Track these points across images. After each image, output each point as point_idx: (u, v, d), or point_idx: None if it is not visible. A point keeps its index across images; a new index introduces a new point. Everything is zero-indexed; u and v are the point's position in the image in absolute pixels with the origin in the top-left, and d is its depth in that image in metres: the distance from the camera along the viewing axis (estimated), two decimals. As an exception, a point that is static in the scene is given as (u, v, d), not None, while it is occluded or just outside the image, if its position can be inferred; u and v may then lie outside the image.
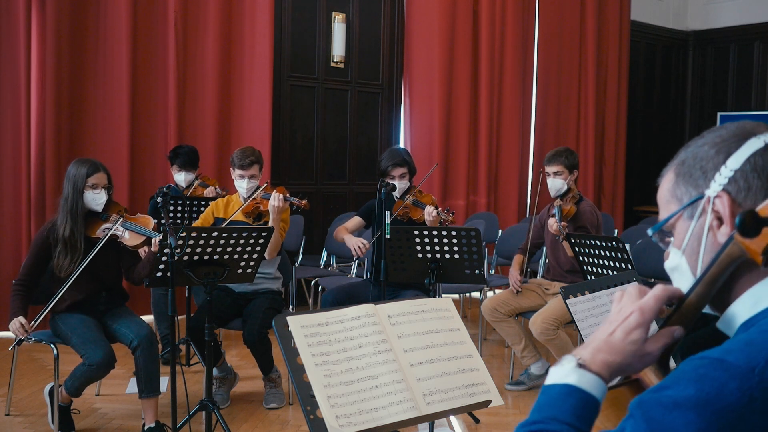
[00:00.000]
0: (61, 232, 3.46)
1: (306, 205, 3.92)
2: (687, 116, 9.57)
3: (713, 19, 9.18)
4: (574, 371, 1.02)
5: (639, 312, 1.04)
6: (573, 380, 1.01)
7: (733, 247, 0.97)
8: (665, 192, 1.11)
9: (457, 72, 7.01)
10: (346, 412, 1.69)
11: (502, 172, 7.39)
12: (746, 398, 0.86)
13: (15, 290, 3.51)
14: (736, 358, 0.89)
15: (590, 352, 1.04)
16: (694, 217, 1.05)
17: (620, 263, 3.48)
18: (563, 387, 1.01)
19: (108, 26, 5.43)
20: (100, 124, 5.47)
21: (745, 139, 1.02)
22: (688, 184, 1.06)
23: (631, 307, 1.05)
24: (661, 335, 1.05)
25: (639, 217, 8.23)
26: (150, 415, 3.46)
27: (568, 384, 1.01)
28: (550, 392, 1.02)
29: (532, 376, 4.36)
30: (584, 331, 2.42)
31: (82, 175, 3.48)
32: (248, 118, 6.01)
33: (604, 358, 1.03)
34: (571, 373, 1.02)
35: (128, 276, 3.68)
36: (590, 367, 1.02)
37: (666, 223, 1.09)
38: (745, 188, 0.99)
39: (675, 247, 1.10)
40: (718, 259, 1.00)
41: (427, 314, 1.95)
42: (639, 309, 1.04)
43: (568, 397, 1.00)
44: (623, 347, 1.03)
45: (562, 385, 1.02)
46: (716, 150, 1.04)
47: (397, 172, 4.22)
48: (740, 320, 1.02)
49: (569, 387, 1.01)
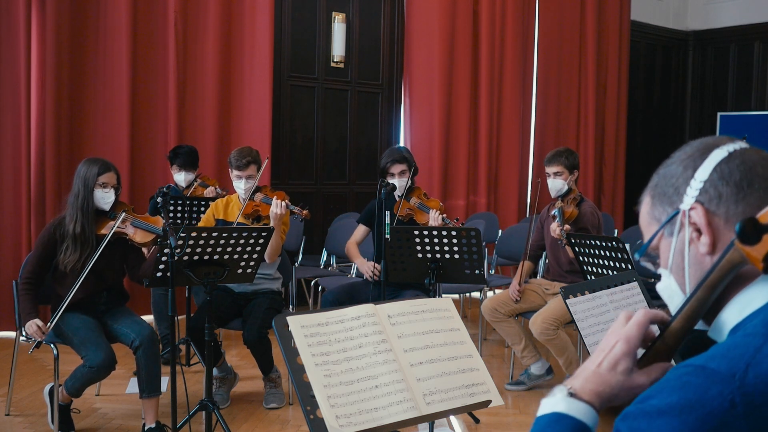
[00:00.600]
0: (71, 229, 3.47)
1: (307, 215, 3.90)
2: (687, 116, 9.57)
3: (713, 19, 9.18)
4: (564, 400, 1.04)
5: (624, 341, 1.06)
6: (562, 408, 1.03)
7: (734, 254, 0.98)
8: (645, 215, 1.15)
9: (457, 72, 7.01)
10: (346, 412, 1.69)
11: (502, 172, 7.38)
12: (727, 404, 0.87)
13: (23, 289, 3.50)
14: (717, 364, 0.90)
15: (580, 382, 1.06)
16: (674, 233, 1.08)
17: (620, 263, 3.48)
18: (553, 415, 1.04)
19: (108, 26, 5.43)
20: (100, 124, 5.47)
21: (709, 152, 1.06)
22: (663, 203, 1.09)
23: (616, 336, 1.08)
24: (654, 370, 1.06)
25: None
26: (150, 415, 3.46)
27: (558, 412, 1.03)
28: (541, 422, 1.04)
29: (532, 376, 4.36)
30: (584, 331, 2.41)
31: (93, 173, 3.51)
32: (248, 118, 6.01)
33: (592, 388, 1.05)
34: (561, 401, 1.04)
35: (133, 275, 3.68)
36: (581, 396, 1.04)
37: (650, 244, 1.12)
38: (716, 196, 1.03)
39: (663, 268, 1.12)
40: (718, 265, 1.01)
41: (427, 314, 1.95)
42: (624, 338, 1.07)
43: (557, 424, 1.02)
44: (610, 378, 1.05)
45: (552, 413, 1.04)
46: (683, 166, 1.07)
47: (397, 169, 4.21)
48: (729, 326, 1.03)
49: (558, 415, 1.03)
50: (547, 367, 4.40)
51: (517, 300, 4.32)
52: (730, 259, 0.99)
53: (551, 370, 4.41)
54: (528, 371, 4.37)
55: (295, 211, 3.89)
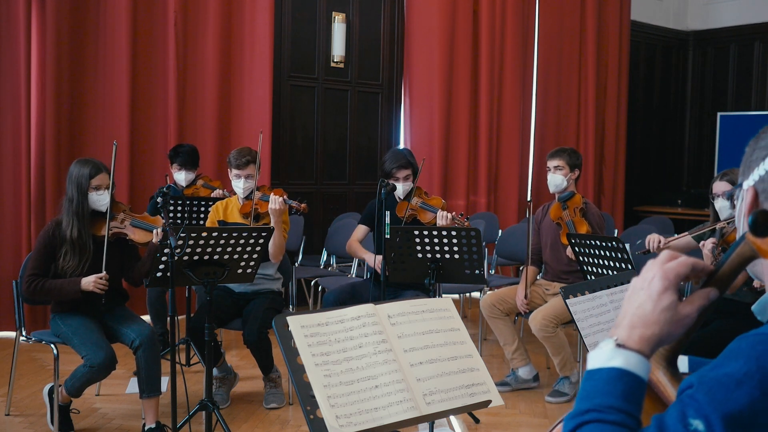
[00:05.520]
0: (69, 234, 3.44)
1: (305, 209, 3.91)
2: (687, 116, 9.57)
3: (713, 19, 9.18)
4: (617, 352, 0.99)
5: (662, 275, 1.02)
6: (619, 363, 0.98)
7: (745, 247, 0.98)
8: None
9: (457, 72, 7.01)
10: (346, 412, 1.69)
11: (502, 172, 7.38)
12: None
13: (38, 283, 3.41)
14: None
15: (625, 329, 1.02)
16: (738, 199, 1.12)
17: (620, 263, 3.48)
18: (610, 371, 0.98)
19: (108, 26, 5.43)
20: (100, 123, 5.47)
21: None
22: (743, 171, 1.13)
23: (653, 272, 1.03)
24: (697, 297, 1.03)
25: (639, 217, 8.22)
26: (151, 416, 3.45)
27: (615, 367, 0.98)
28: (596, 378, 0.99)
29: (519, 379, 4.35)
30: (584, 331, 2.42)
31: (85, 176, 3.47)
32: (248, 118, 6.01)
33: (641, 333, 1.00)
34: (615, 355, 0.99)
35: (128, 276, 3.67)
36: (630, 346, 1.00)
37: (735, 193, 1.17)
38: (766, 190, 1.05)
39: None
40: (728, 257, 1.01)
41: (427, 314, 1.95)
42: (662, 273, 1.02)
43: (617, 381, 0.97)
44: (657, 317, 1.00)
45: (608, 369, 0.99)
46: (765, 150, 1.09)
47: (402, 174, 4.22)
48: None
49: (616, 371, 0.98)
50: (535, 374, 4.39)
51: (526, 312, 4.28)
52: (740, 252, 0.99)
53: (538, 377, 4.41)
54: (515, 373, 4.36)
55: (293, 205, 3.90)
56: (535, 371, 4.39)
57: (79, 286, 3.40)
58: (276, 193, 3.91)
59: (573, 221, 4.18)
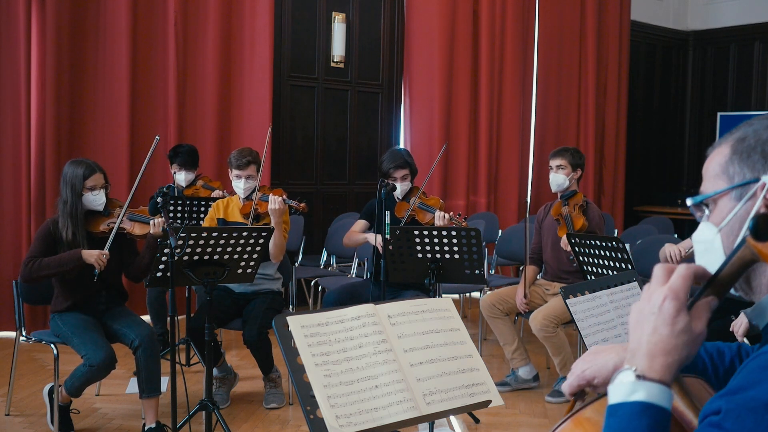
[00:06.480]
0: (64, 235, 3.46)
1: (305, 209, 3.91)
2: (687, 116, 9.57)
3: (713, 19, 9.18)
4: (638, 385, 0.94)
5: (673, 297, 0.96)
6: (641, 396, 0.94)
7: (745, 251, 0.95)
8: (715, 165, 1.05)
9: (457, 72, 7.01)
10: (346, 412, 1.69)
11: (502, 172, 7.39)
12: None
13: (37, 262, 3.39)
14: None
15: (644, 359, 0.96)
16: (743, 199, 1.00)
17: (620, 263, 3.48)
18: (632, 406, 0.94)
19: (108, 26, 5.43)
20: (100, 123, 5.47)
21: None
22: (743, 164, 1.01)
23: (661, 293, 0.97)
24: (702, 310, 0.98)
25: (639, 217, 8.23)
26: (151, 415, 3.46)
27: (638, 401, 0.94)
28: (620, 414, 0.94)
29: (519, 379, 4.35)
30: (584, 331, 2.42)
31: (79, 177, 3.48)
32: (248, 118, 6.01)
33: (662, 361, 0.95)
34: (637, 388, 0.94)
35: (128, 271, 3.68)
36: (651, 376, 0.95)
37: (709, 197, 1.04)
38: None
39: (711, 223, 1.05)
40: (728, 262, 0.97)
41: (427, 314, 1.95)
42: (672, 293, 0.96)
43: (642, 416, 0.93)
44: (676, 341, 0.95)
45: (631, 403, 0.94)
46: None
47: (399, 173, 4.23)
48: None
49: (639, 404, 0.93)
50: (535, 374, 4.39)
51: (526, 312, 4.29)
52: (741, 256, 0.96)
53: (538, 377, 4.41)
54: (515, 373, 4.36)
55: (293, 204, 3.90)
56: (535, 371, 4.39)
57: (80, 256, 3.39)
58: (276, 193, 3.92)
59: (571, 216, 4.18)
